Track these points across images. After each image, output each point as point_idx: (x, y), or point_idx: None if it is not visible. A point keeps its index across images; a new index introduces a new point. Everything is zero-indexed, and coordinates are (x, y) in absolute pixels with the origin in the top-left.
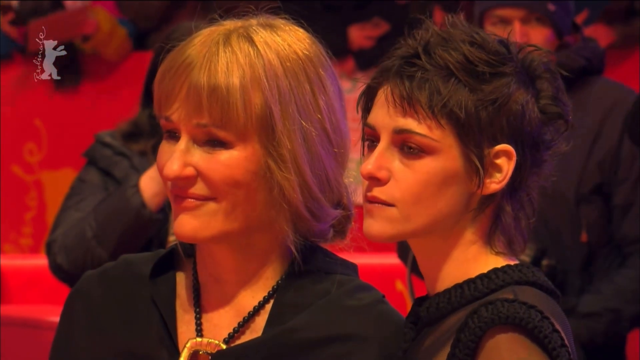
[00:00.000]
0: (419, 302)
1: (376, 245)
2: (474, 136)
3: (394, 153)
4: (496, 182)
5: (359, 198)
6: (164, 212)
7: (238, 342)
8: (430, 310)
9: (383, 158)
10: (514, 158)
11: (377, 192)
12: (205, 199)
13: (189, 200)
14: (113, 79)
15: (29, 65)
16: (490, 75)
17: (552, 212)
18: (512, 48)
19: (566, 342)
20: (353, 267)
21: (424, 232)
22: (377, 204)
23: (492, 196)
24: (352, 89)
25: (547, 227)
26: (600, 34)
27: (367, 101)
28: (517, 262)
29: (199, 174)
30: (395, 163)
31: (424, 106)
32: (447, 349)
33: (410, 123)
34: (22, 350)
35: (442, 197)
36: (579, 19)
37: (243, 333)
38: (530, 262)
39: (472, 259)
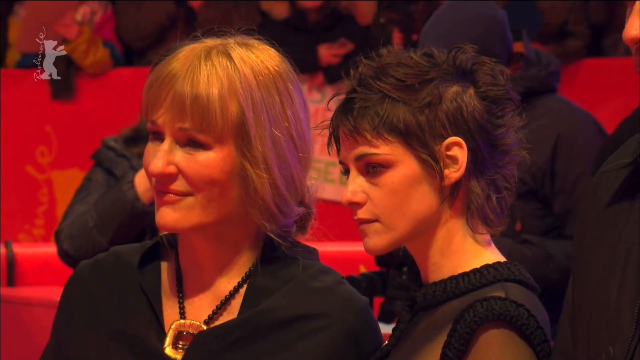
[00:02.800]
0: (415, 289)
1: (341, 235)
2: (419, 139)
3: (362, 178)
4: (455, 171)
5: (322, 194)
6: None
7: (217, 323)
8: (427, 297)
9: (356, 184)
10: (464, 146)
11: (360, 213)
12: (185, 194)
13: (170, 195)
14: (110, 90)
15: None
16: (419, 84)
17: None
18: (436, 55)
19: (548, 337)
20: (315, 252)
21: (411, 235)
22: (364, 224)
23: (458, 184)
24: (322, 99)
25: None
26: None
27: (336, 144)
28: (505, 260)
29: (180, 172)
30: (366, 185)
31: (369, 130)
32: (442, 335)
33: (363, 148)
34: (35, 326)
35: (413, 200)
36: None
37: (221, 315)
38: None
39: (460, 251)
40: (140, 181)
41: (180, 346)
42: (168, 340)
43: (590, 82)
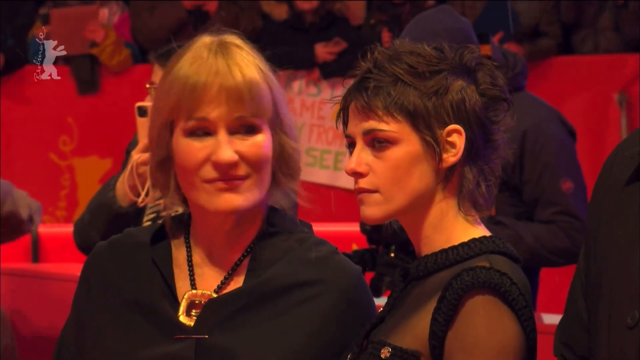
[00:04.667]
0: (409, 262)
1: (336, 216)
2: (424, 122)
3: (368, 151)
4: (452, 155)
5: (318, 179)
6: (135, 206)
7: (225, 292)
8: (419, 268)
9: (360, 157)
10: (463, 134)
11: (362, 183)
12: (245, 177)
13: (234, 181)
14: (126, 86)
15: (63, 71)
16: (429, 73)
17: None
18: (446, 50)
19: (529, 303)
20: (309, 227)
21: (407, 209)
22: (364, 193)
23: (453, 168)
24: (318, 93)
25: None
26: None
27: (344, 117)
28: (490, 234)
29: (241, 157)
30: (370, 158)
31: (381, 108)
32: (431, 301)
33: (373, 124)
34: (58, 299)
35: (412, 177)
36: (495, 38)
37: (228, 284)
38: None
39: (451, 227)
40: (119, 187)
41: (192, 314)
42: (182, 308)
43: (561, 78)
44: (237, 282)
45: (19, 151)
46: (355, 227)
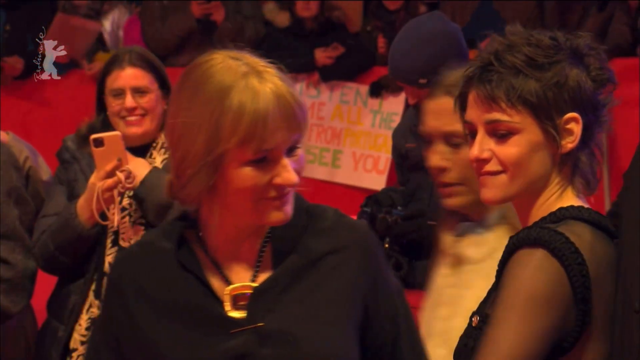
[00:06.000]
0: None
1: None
2: (545, 113)
3: (489, 139)
4: (570, 142)
5: (317, 175)
6: (99, 226)
7: (260, 279)
8: (513, 239)
9: (482, 144)
10: (581, 121)
11: (487, 167)
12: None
13: (286, 196)
14: None
15: (82, 76)
16: (548, 64)
17: None
18: (560, 39)
19: (585, 263)
20: (300, 195)
21: (525, 192)
22: (488, 176)
23: (570, 153)
24: (317, 95)
25: None
26: None
27: (462, 103)
28: (587, 205)
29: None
30: (492, 145)
31: (504, 100)
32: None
33: (496, 115)
34: None
35: (533, 162)
36: (483, 44)
37: (261, 273)
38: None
39: (554, 200)
40: (81, 212)
41: (240, 306)
42: (228, 304)
43: None
44: (267, 268)
45: (39, 148)
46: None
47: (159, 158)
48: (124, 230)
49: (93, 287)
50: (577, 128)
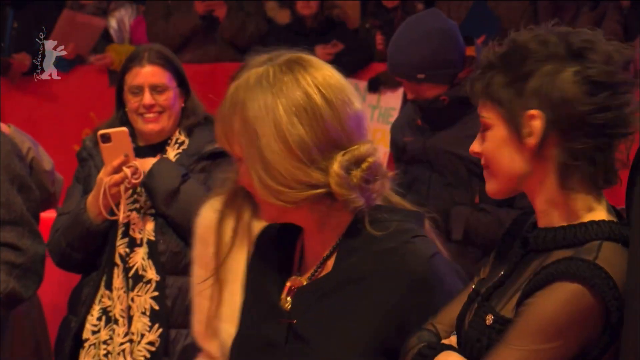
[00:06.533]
0: (529, 230)
1: None
2: (507, 109)
3: (480, 133)
4: (533, 139)
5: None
6: (107, 221)
7: (317, 278)
8: (538, 241)
9: (479, 138)
10: (543, 118)
11: (482, 161)
12: None
13: None
14: None
15: (88, 71)
16: (517, 61)
17: (455, 182)
18: (549, 39)
19: (621, 296)
20: (412, 216)
21: (512, 187)
22: (485, 169)
23: (544, 148)
24: None
25: (450, 193)
26: None
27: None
28: (610, 216)
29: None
30: (481, 140)
31: (481, 96)
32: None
33: (479, 110)
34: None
35: (504, 159)
36: (479, 41)
37: (321, 273)
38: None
39: (567, 203)
40: (91, 207)
41: (288, 300)
42: (284, 294)
43: None
44: (327, 270)
45: (46, 143)
46: None
47: (172, 153)
48: (134, 221)
49: (104, 278)
50: (537, 125)
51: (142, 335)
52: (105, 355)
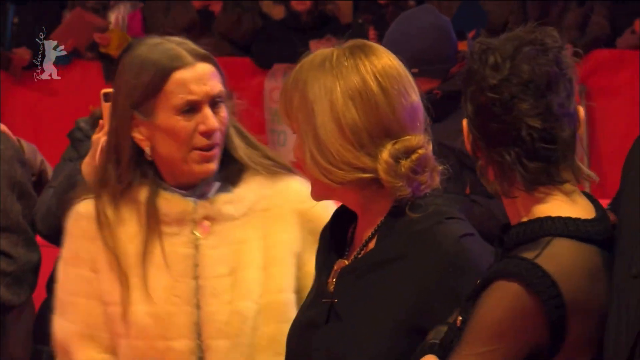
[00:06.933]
0: (504, 230)
1: None
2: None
3: None
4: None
5: None
6: None
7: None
8: (507, 239)
9: None
10: (467, 128)
11: None
12: None
13: None
14: None
15: (85, 66)
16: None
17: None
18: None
19: (562, 295)
20: (456, 200)
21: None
22: None
23: (484, 156)
24: None
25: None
26: None
27: None
28: (579, 214)
29: None
30: None
31: None
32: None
33: None
34: None
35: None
36: (470, 34)
37: (363, 254)
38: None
39: (517, 201)
40: (85, 167)
41: (332, 281)
42: (332, 275)
43: None
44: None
45: (47, 136)
46: None
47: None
48: None
49: None
50: (466, 133)
51: None
52: None
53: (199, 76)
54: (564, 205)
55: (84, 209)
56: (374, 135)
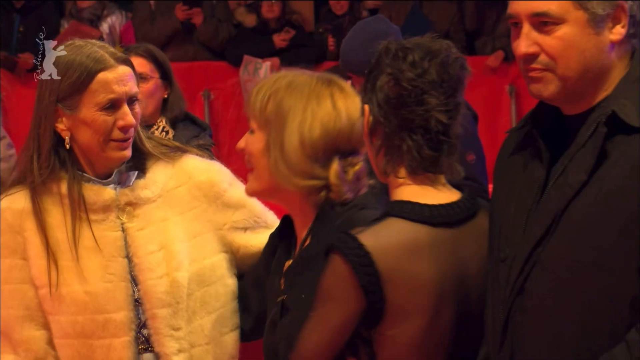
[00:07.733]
0: None
1: None
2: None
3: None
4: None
5: None
6: None
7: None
8: (331, 241)
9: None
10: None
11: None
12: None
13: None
14: None
15: None
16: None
17: None
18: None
19: (373, 264)
20: (371, 193)
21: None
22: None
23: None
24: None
25: None
26: None
27: None
28: (427, 200)
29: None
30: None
31: None
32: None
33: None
34: None
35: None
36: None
37: (299, 251)
38: None
39: (390, 184)
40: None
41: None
42: (283, 276)
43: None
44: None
45: None
46: None
47: None
48: None
49: None
50: (367, 115)
51: None
52: None
53: (120, 77)
54: (426, 192)
55: (6, 204)
56: (327, 152)
